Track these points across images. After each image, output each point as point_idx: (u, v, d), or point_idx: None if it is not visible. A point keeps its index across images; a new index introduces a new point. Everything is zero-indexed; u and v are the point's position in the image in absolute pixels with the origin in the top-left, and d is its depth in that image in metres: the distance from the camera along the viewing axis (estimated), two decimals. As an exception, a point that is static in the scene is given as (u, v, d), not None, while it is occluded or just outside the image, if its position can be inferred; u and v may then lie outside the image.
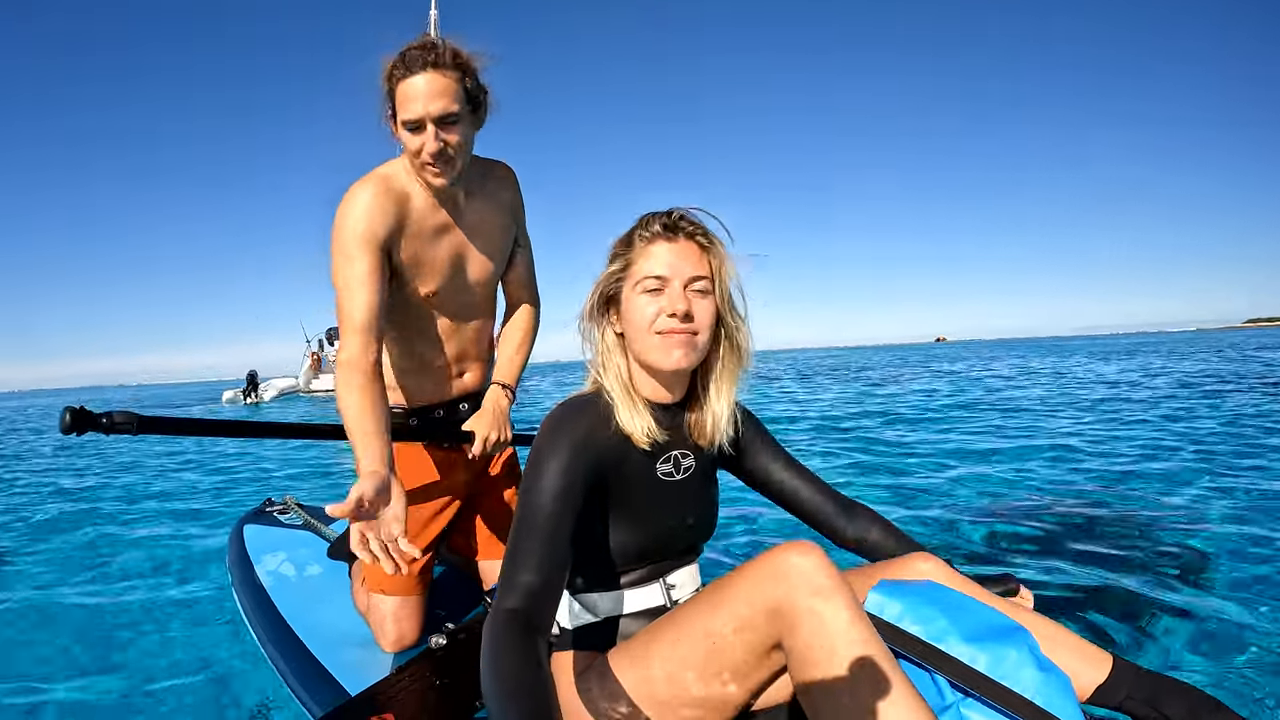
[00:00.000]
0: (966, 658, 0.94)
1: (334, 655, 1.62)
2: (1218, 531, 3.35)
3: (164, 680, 2.20)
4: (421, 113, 1.40)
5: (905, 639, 0.97)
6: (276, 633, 1.77)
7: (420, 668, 1.42)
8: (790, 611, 0.90)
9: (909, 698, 0.84)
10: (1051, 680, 0.92)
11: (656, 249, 1.12)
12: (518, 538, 1.02)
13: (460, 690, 1.34)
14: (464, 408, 1.78)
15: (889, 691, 0.83)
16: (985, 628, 0.97)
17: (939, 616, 0.98)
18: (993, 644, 0.94)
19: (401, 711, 1.25)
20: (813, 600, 0.89)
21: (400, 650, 1.67)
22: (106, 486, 6.52)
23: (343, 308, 1.43)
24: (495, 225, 1.70)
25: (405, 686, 1.35)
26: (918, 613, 0.99)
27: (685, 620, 1.01)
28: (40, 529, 4.84)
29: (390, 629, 1.66)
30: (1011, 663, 0.92)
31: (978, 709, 0.92)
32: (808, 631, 0.88)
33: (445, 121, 1.42)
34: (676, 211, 1.13)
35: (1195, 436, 6.23)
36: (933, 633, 0.97)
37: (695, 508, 1.23)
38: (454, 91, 1.41)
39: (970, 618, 0.98)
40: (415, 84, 1.39)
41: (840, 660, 0.86)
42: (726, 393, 1.19)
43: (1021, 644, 0.95)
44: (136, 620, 2.77)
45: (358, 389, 1.35)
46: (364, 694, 1.33)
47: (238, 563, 2.33)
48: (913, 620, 0.98)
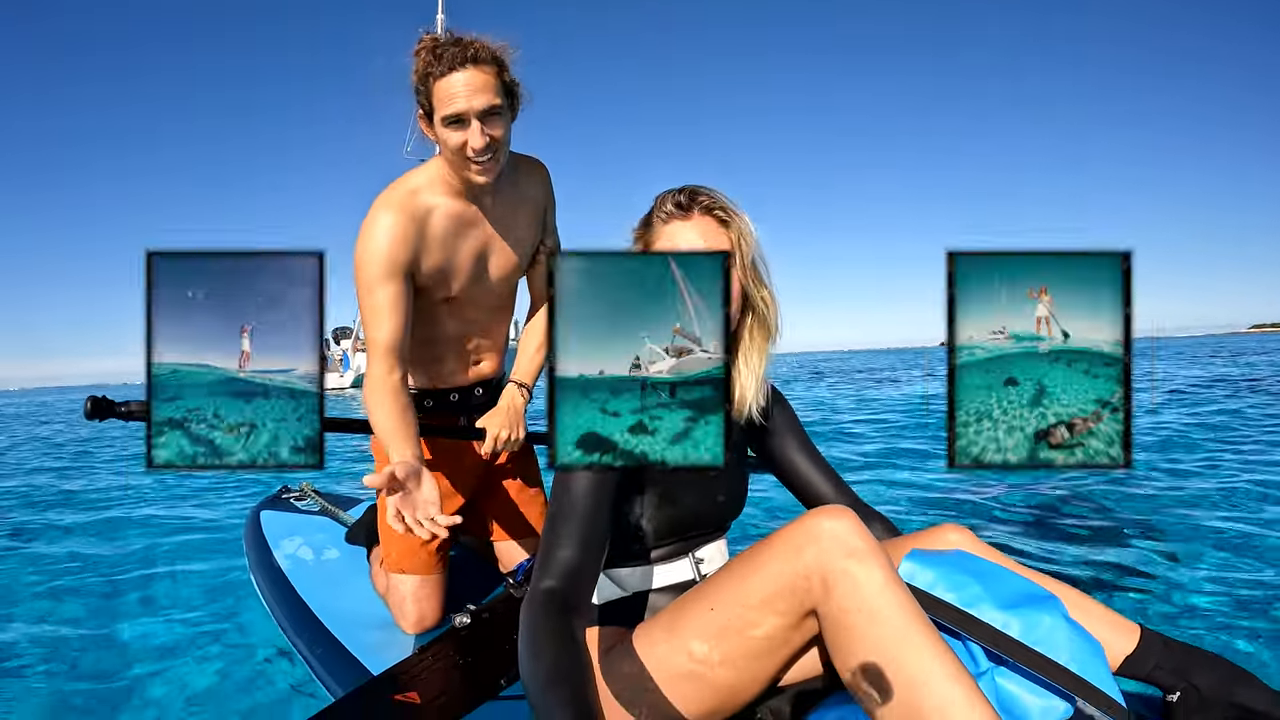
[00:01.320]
0: (1000, 624, 0.94)
1: (356, 636, 1.62)
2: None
3: (183, 663, 2.21)
4: (465, 108, 1.42)
5: (939, 606, 0.96)
6: (297, 615, 1.78)
7: (444, 647, 1.43)
8: (824, 575, 0.89)
9: (949, 660, 0.83)
10: (1085, 646, 0.93)
11: (673, 227, 1.13)
12: (555, 517, 1.02)
13: (484, 669, 1.33)
14: (479, 393, 1.81)
15: (929, 653, 0.83)
16: (1018, 595, 0.98)
17: (972, 583, 0.98)
18: (1026, 610, 0.95)
19: (425, 690, 1.25)
20: (847, 562, 0.88)
21: (421, 631, 1.68)
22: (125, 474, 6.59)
23: (369, 333, 1.49)
24: (521, 222, 1.70)
25: (429, 666, 1.34)
26: (950, 580, 0.99)
27: (715, 591, 1.00)
28: (52, 507, 4.87)
29: (410, 609, 1.67)
30: (1045, 629, 0.93)
31: (1011, 677, 0.92)
32: (842, 594, 0.88)
33: (488, 115, 1.44)
34: (689, 188, 1.14)
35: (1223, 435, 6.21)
36: (965, 599, 0.97)
37: (726, 485, 1.24)
38: (494, 85, 1.43)
39: (1003, 585, 0.99)
40: (456, 80, 1.40)
41: (878, 622, 0.85)
42: (756, 364, 1.20)
43: (1054, 611, 0.96)
44: (154, 604, 2.80)
45: (388, 404, 1.43)
46: (387, 673, 1.34)
47: (255, 547, 2.35)
48: (946, 588, 0.98)
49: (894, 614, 0.85)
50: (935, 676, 0.82)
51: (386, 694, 1.24)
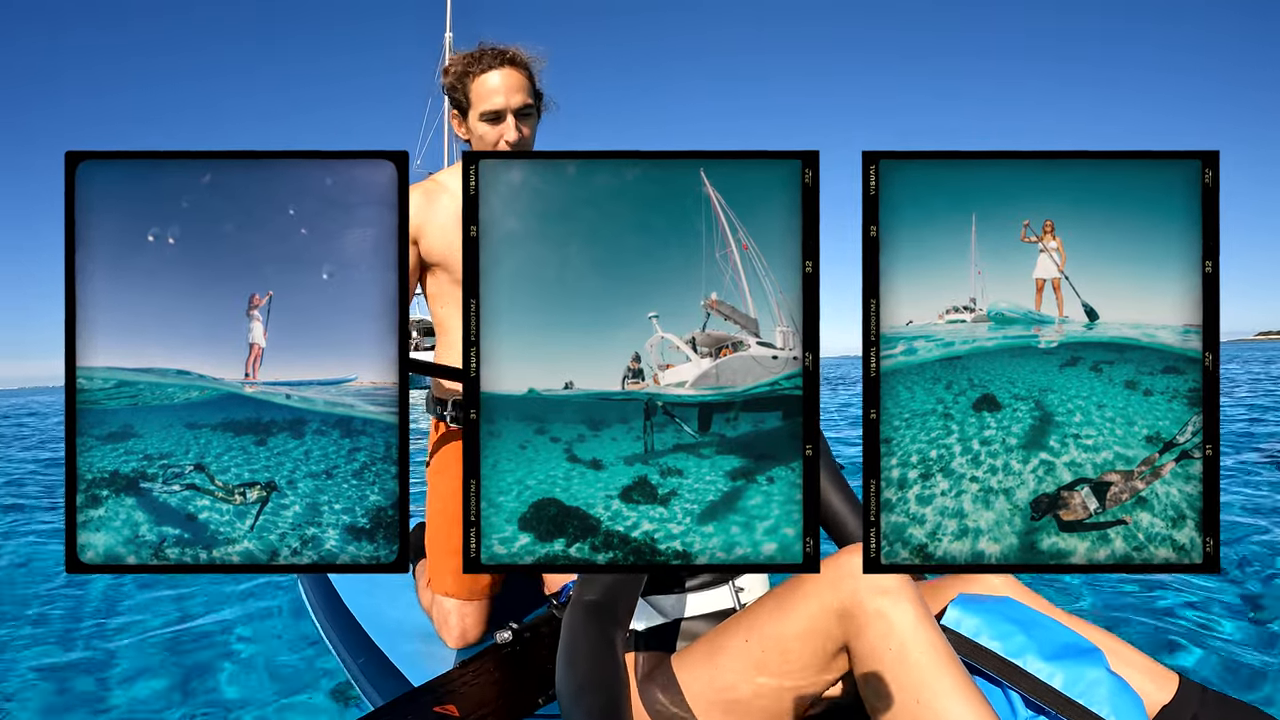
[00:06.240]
0: (1044, 675, 0.96)
1: (398, 647, 1.66)
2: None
3: (227, 663, 2.24)
4: (503, 105, 1.56)
5: (983, 654, 0.99)
6: (340, 623, 1.82)
7: (485, 664, 1.46)
8: (857, 613, 0.90)
9: (978, 704, 0.84)
10: (1126, 701, 0.94)
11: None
12: None
13: (523, 687, 1.37)
14: None
15: (957, 696, 0.84)
16: (1062, 646, 0.99)
17: (1017, 633, 1.00)
18: (1070, 662, 0.97)
19: (463, 704, 1.29)
20: (880, 601, 0.89)
21: (464, 647, 1.70)
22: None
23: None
24: None
25: (469, 680, 1.38)
26: (996, 629, 1.01)
27: (751, 623, 1.02)
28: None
29: (454, 625, 1.70)
30: (1088, 682, 0.95)
31: None
32: (874, 634, 0.89)
33: (522, 114, 1.58)
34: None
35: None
36: (1011, 649, 0.99)
37: None
38: (528, 88, 1.59)
39: (1048, 636, 1.01)
40: (494, 79, 1.55)
41: (908, 662, 0.87)
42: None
43: (1098, 664, 0.97)
44: (197, 609, 2.79)
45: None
46: (427, 685, 1.37)
47: None
48: (991, 636, 1.00)
49: (924, 655, 0.86)
50: (962, 717, 0.83)
51: (426, 705, 1.28)
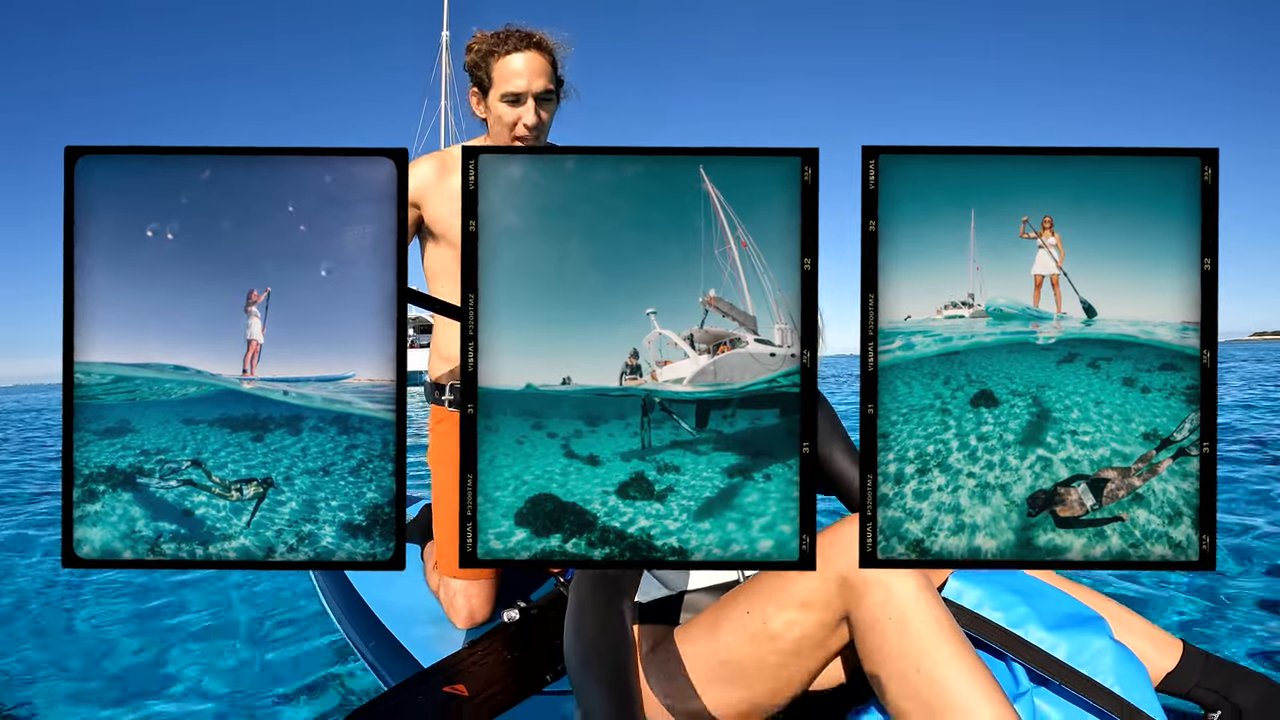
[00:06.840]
0: (1047, 645, 0.96)
1: (407, 629, 1.68)
2: None
3: (238, 649, 2.23)
4: (525, 87, 1.55)
5: (984, 625, 0.99)
6: (350, 606, 1.84)
7: (493, 642, 1.47)
8: (857, 582, 0.91)
9: (979, 673, 0.84)
10: (1130, 669, 0.94)
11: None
12: None
13: (532, 664, 1.39)
14: None
15: (957, 665, 0.84)
16: (1065, 616, 0.99)
17: (1019, 604, 0.99)
18: (1073, 631, 0.96)
19: (473, 683, 1.31)
20: (879, 569, 0.87)
21: (472, 627, 1.72)
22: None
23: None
24: None
25: (477, 660, 1.41)
26: (998, 599, 1.00)
27: (753, 595, 1.02)
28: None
29: (461, 605, 1.71)
30: (1092, 652, 0.94)
31: (1051, 698, 0.94)
32: (874, 602, 0.89)
33: (543, 98, 1.57)
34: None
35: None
36: (1013, 619, 0.99)
37: None
38: (550, 73, 1.58)
39: (1050, 605, 1.00)
40: (519, 61, 1.54)
41: (908, 631, 0.87)
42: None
43: (1101, 632, 0.97)
44: (208, 592, 2.79)
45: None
46: (436, 665, 1.38)
47: None
48: (993, 607, 1.00)
49: (924, 624, 0.87)
50: (962, 689, 0.83)
51: (436, 685, 1.30)
